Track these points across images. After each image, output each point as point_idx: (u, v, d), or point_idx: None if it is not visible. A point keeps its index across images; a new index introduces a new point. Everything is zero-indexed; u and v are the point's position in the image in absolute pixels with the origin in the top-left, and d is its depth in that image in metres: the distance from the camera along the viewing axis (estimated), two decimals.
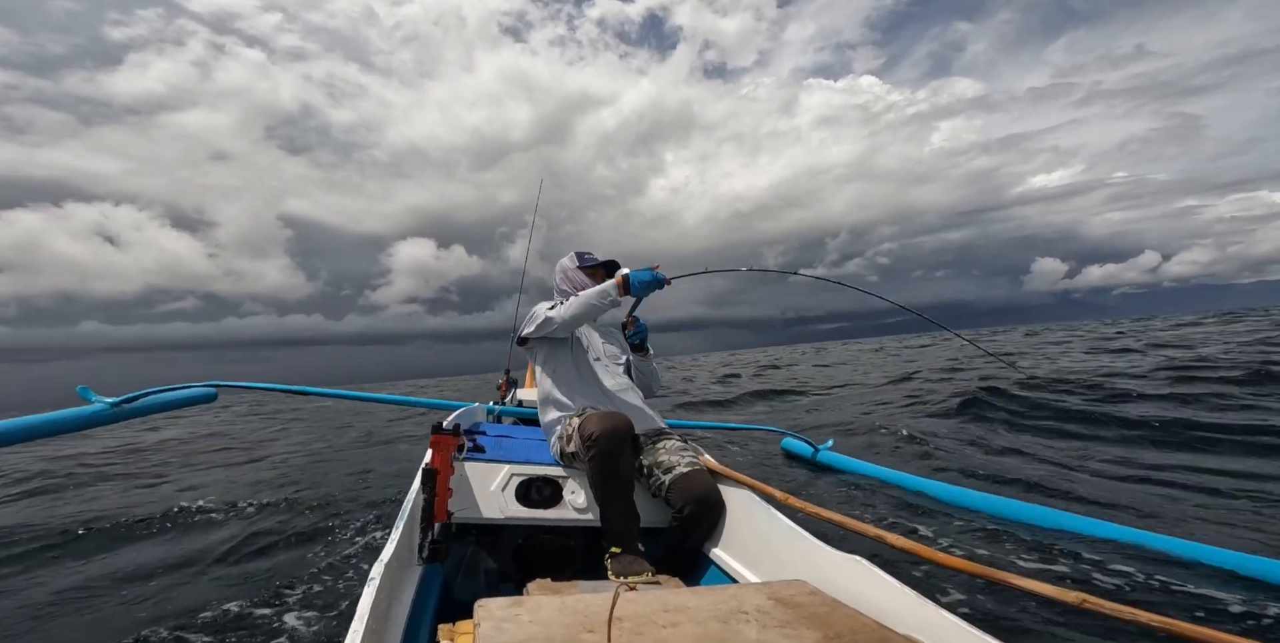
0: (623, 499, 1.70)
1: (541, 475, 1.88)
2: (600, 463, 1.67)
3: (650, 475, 1.85)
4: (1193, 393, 5.64)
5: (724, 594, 1.11)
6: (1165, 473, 3.48)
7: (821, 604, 1.08)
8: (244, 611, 2.11)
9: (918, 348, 25.35)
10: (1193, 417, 4.69)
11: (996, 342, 22.80)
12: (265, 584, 2.37)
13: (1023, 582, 1.00)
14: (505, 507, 1.78)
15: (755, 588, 1.16)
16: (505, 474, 1.84)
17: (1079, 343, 16.20)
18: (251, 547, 2.89)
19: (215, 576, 2.55)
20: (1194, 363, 7.70)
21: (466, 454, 1.85)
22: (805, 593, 1.13)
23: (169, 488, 4.62)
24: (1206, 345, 10.74)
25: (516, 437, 2.43)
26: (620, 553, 1.61)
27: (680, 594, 1.11)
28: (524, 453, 2.05)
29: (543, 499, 1.84)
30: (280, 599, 2.20)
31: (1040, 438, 4.77)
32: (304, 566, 2.56)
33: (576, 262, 2.26)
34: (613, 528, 1.67)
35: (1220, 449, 3.93)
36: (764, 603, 1.07)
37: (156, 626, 2.03)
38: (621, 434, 1.70)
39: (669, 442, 1.95)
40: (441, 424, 1.70)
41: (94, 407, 2.11)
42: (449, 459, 1.61)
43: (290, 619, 2.04)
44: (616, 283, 1.88)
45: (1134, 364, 8.54)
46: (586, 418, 1.78)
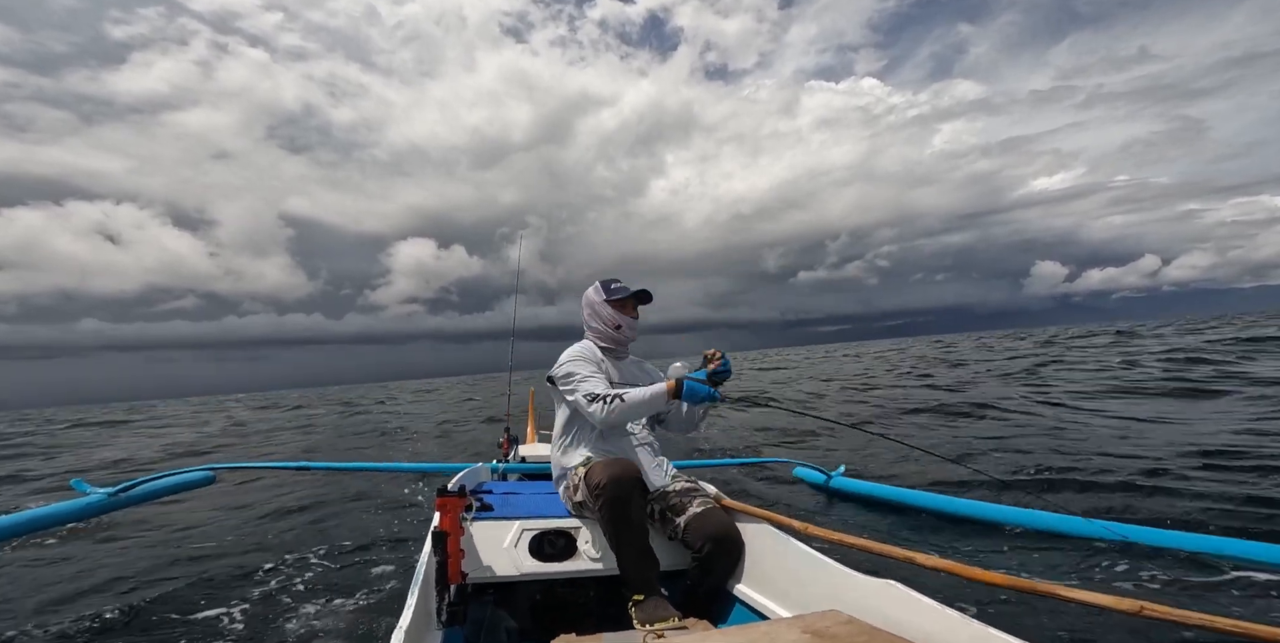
0: (638, 545, 1.65)
1: (554, 528, 1.85)
2: (611, 510, 1.64)
3: (664, 520, 1.81)
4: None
5: (756, 633, 1.06)
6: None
7: (860, 633, 1.03)
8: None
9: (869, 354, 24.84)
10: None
11: (993, 355, 19.49)
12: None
13: (1074, 593, 0.95)
14: (519, 563, 1.74)
15: (788, 623, 1.11)
16: (516, 530, 1.81)
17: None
18: (257, 612, 2.76)
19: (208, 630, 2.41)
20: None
21: (475, 514, 1.83)
22: (841, 623, 1.08)
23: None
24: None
25: (523, 492, 2.39)
26: (643, 600, 1.55)
27: (710, 637, 1.06)
28: (533, 508, 2.01)
29: (556, 552, 1.80)
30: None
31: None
32: (315, 635, 2.44)
33: (604, 293, 2.08)
34: (632, 575, 1.62)
35: None
36: (799, 637, 1.02)
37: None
38: (630, 481, 1.66)
39: (679, 484, 1.91)
40: (446, 487, 1.68)
41: (92, 497, 2.09)
42: (458, 520, 1.59)
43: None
44: (668, 389, 1.74)
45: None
46: (592, 468, 1.75)
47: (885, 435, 2.42)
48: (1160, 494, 3.25)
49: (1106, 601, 0.91)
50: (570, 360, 1.99)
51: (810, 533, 1.52)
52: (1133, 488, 3.39)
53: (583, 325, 2.17)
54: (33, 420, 27.56)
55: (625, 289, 2.09)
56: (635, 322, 2.12)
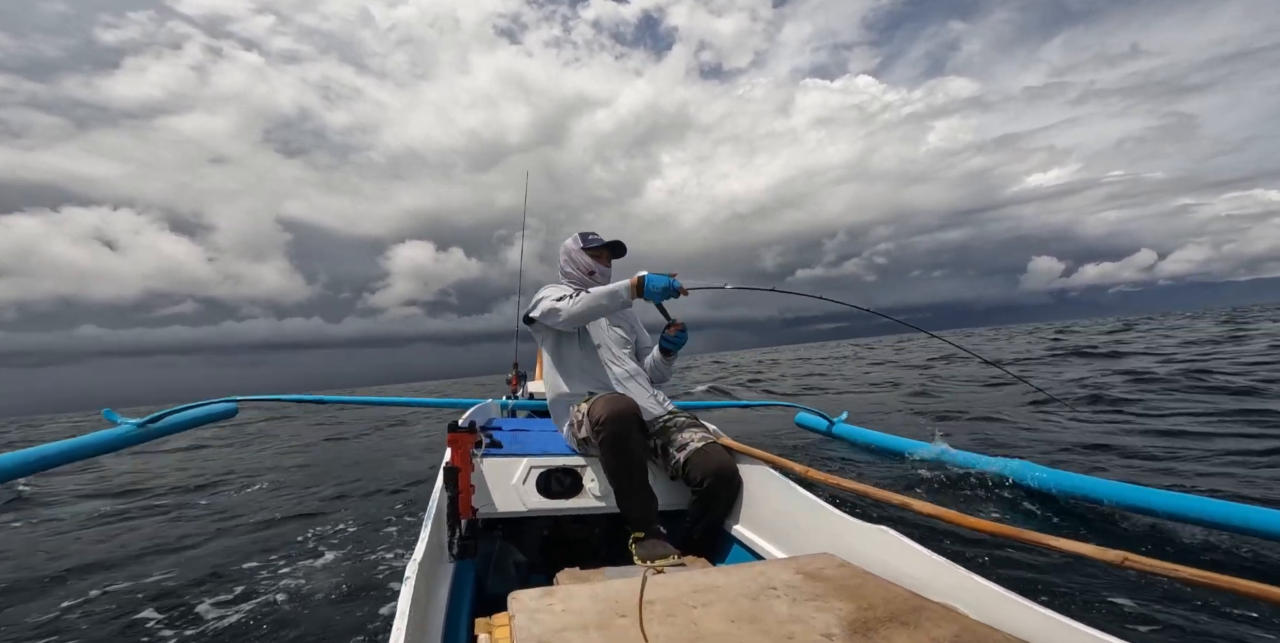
0: (638, 482, 1.70)
1: (560, 466, 1.89)
2: (612, 445, 1.68)
3: (665, 455, 1.86)
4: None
5: (752, 572, 1.11)
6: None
7: (852, 576, 1.07)
8: (282, 608, 2.16)
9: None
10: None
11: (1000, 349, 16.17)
12: (305, 580, 2.41)
13: (1060, 543, 0.97)
14: (527, 499, 1.80)
15: (783, 563, 1.15)
16: (524, 467, 1.86)
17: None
18: (280, 544, 2.93)
19: (253, 577, 2.59)
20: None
21: (485, 450, 1.87)
22: (834, 566, 1.12)
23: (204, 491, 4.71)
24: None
25: (532, 429, 2.44)
26: (644, 538, 1.62)
27: (708, 574, 1.11)
28: (540, 445, 2.06)
29: (563, 489, 1.86)
30: (317, 597, 2.24)
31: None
32: (337, 566, 2.60)
33: (581, 242, 2.20)
34: (633, 513, 1.68)
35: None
36: (792, 578, 1.07)
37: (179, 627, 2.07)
38: (629, 416, 1.70)
39: (680, 420, 1.95)
40: (457, 423, 1.71)
41: (121, 428, 2.15)
42: (468, 456, 1.62)
43: (328, 615, 2.08)
44: (631, 284, 1.80)
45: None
46: (594, 402, 1.78)
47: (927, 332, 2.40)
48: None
49: (1090, 550, 0.93)
50: (542, 293, 2.09)
51: (809, 477, 1.55)
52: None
53: (559, 274, 2.25)
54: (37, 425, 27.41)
55: (599, 239, 2.22)
56: (609, 271, 2.24)
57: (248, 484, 4.86)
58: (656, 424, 1.95)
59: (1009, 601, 0.91)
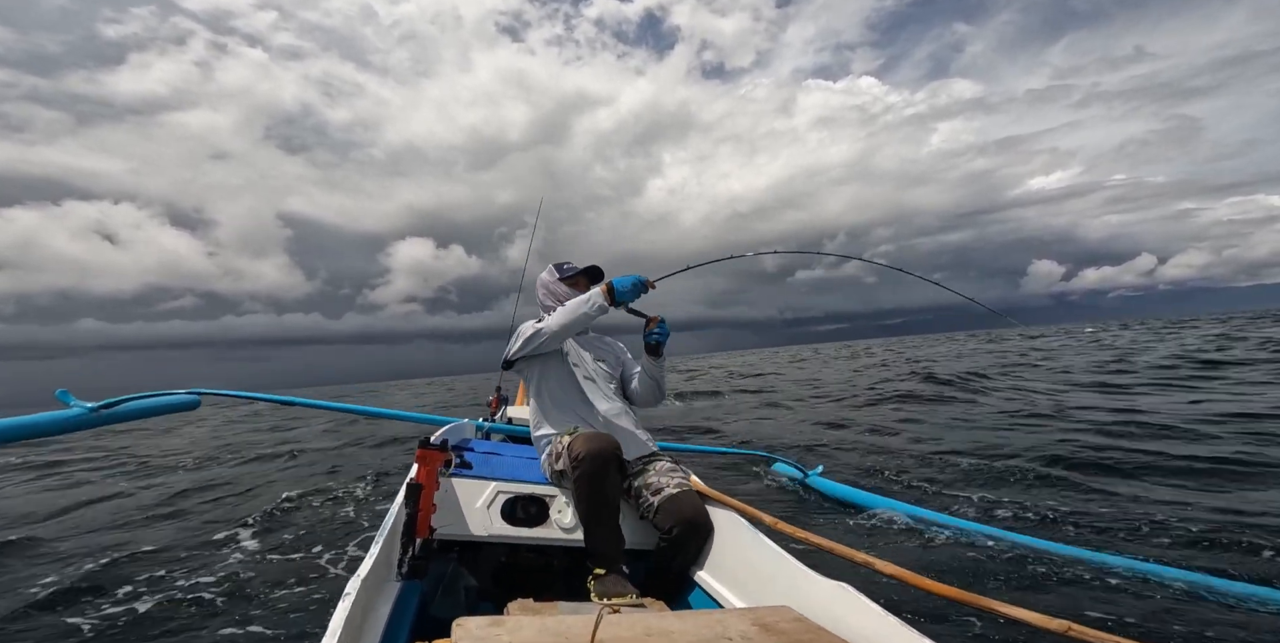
0: (608, 521, 1.68)
1: (528, 494, 1.86)
2: (586, 483, 1.65)
3: (639, 497, 1.83)
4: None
5: (708, 619, 1.09)
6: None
7: (806, 631, 1.06)
8: (208, 620, 2.05)
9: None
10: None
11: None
12: (234, 594, 2.30)
13: (1009, 610, 0.99)
14: (490, 524, 1.75)
15: (740, 613, 1.14)
16: (491, 491, 1.82)
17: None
18: (225, 553, 2.81)
19: (180, 582, 2.47)
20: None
21: (453, 470, 1.83)
22: (790, 619, 1.11)
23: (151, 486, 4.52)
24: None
25: (505, 454, 2.40)
26: (604, 575, 1.58)
27: (664, 618, 1.09)
28: (511, 471, 2.02)
29: (528, 518, 1.82)
30: (248, 610, 2.14)
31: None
32: (276, 576, 2.49)
33: (556, 274, 2.18)
34: (597, 549, 1.65)
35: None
36: (748, 629, 1.05)
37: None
38: (608, 456, 1.68)
39: (659, 463, 1.93)
40: (429, 439, 1.68)
41: (73, 411, 2.06)
42: (435, 475, 1.59)
43: (259, 634, 1.98)
44: (602, 290, 1.86)
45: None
46: (575, 437, 1.76)
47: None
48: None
49: (1036, 619, 0.94)
50: (518, 330, 2.05)
51: (778, 529, 1.54)
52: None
53: (539, 308, 2.21)
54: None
55: (574, 267, 2.19)
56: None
57: (200, 465, 4.65)
58: (636, 465, 1.93)
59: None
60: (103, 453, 7.14)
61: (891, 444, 5.53)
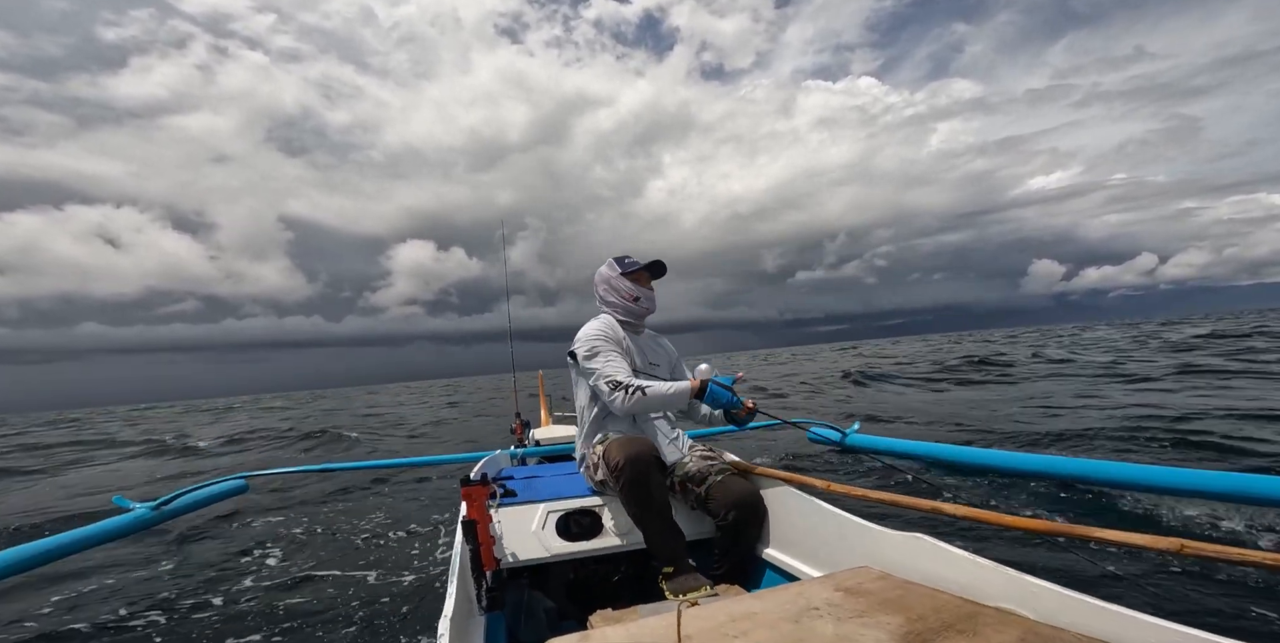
0: (662, 520, 1.66)
1: (578, 508, 1.86)
2: (631, 490, 1.64)
3: (685, 491, 1.82)
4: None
5: (789, 594, 1.06)
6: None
7: (894, 587, 1.03)
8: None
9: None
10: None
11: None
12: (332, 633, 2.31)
13: (1110, 534, 0.91)
14: (548, 544, 1.76)
15: (819, 582, 1.11)
16: (542, 513, 1.83)
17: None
18: (296, 609, 2.82)
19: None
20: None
21: (500, 501, 1.85)
22: (874, 578, 1.08)
23: None
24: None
25: (544, 475, 2.42)
26: (673, 572, 1.57)
27: (744, 602, 1.06)
28: (555, 490, 2.03)
29: (583, 531, 1.82)
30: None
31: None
32: (366, 629, 2.50)
33: (618, 267, 2.06)
34: (659, 550, 1.63)
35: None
36: (833, 596, 1.02)
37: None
38: (646, 459, 1.66)
39: (696, 453, 1.91)
40: (469, 476, 1.69)
41: (136, 512, 2.15)
42: (484, 508, 1.60)
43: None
44: (693, 387, 1.77)
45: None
46: (609, 446, 1.74)
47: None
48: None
49: (1144, 540, 0.87)
50: (592, 338, 1.92)
51: (833, 491, 1.51)
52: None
53: (598, 303, 2.12)
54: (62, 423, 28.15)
55: (637, 263, 2.06)
56: (652, 294, 2.09)
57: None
58: (672, 458, 1.91)
59: (1071, 599, 0.86)
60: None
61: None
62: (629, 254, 2.10)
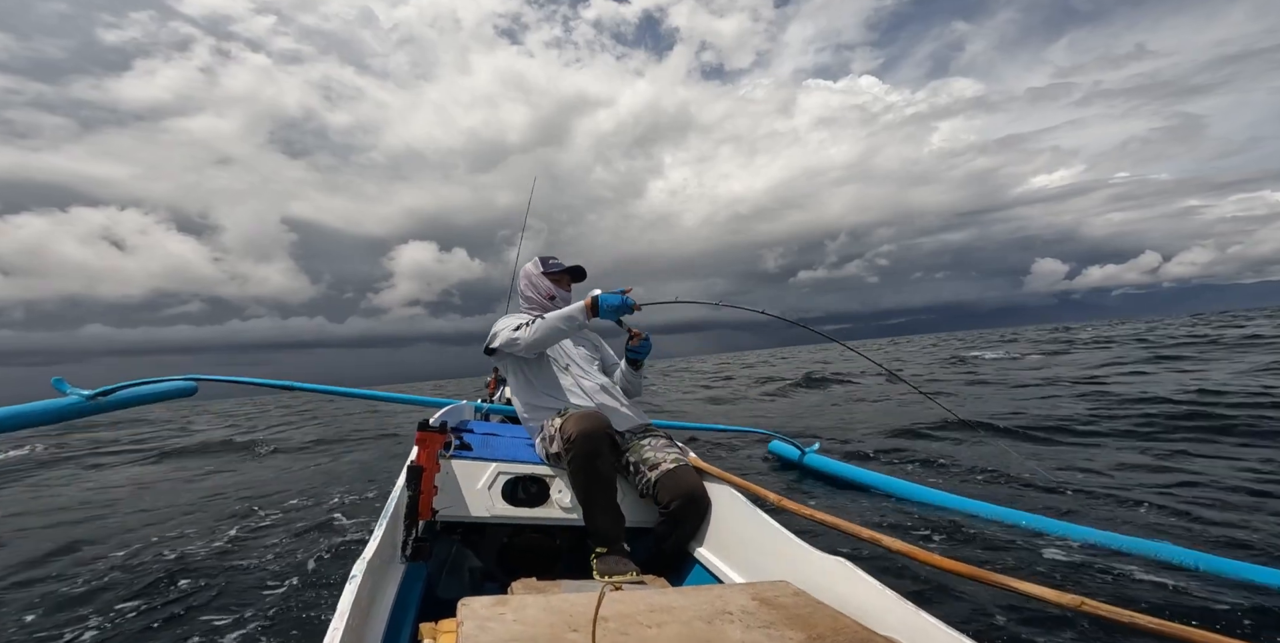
0: (606, 500, 1.68)
1: (529, 474, 1.86)
2: (581, 464, 1.65)
3: (636, 473, 1.83)
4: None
5: (709, 595, 1.09)
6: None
7: (805, 605, 1.06)
8: (220, 607, 2.07)
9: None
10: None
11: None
12: (241, 581, 2.33)
13: (1019, 584, 0.97)
14: (491, 505, 1.76)
15: (740, 588, 1.14)
16: (492, 472, 1.82)
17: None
18: (222, 542, 2.82)
19: (189, 569, 2.50)
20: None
21: (453, 452, 1.83)
22: (789, 594, 1.11)
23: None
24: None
25: (504, 435, 2.40)
26: (606, 553, 1.59)
27: (665, 594, 1.09)
28: (512, 452, 2.02)
29: (529, 498, 1.82)
30: (256, 598, 2.17)
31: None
32: (282, 563, 2.52)
33: (541, 267, 2.21)
34: (598, 528, 1.66)
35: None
36: (748, 604, 1.05)
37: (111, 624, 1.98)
38: (600, 434, 1.67)
39: (654, 439, 1.93)
40: (428, 421, 1.68)
41: (69, 399, 2.03)
42: (435, 457, 1.59)
43: (268, 616, 2.01)
44: (585, 306, 1.83)
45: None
46: (566, 418, 1.76)
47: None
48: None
49: (1048, 594, 0.93)
50: (500, 323, 2.05)
51: (782, 505, 1.54)
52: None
53: (519, 299, 2.25)
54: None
55: (560, 264, 2.22)
56: (569, 295, 2.23)
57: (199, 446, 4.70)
58: (629, 439, 1.93)
59: (953, 638, 0.90)
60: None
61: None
62: (555, 256, 2.24)
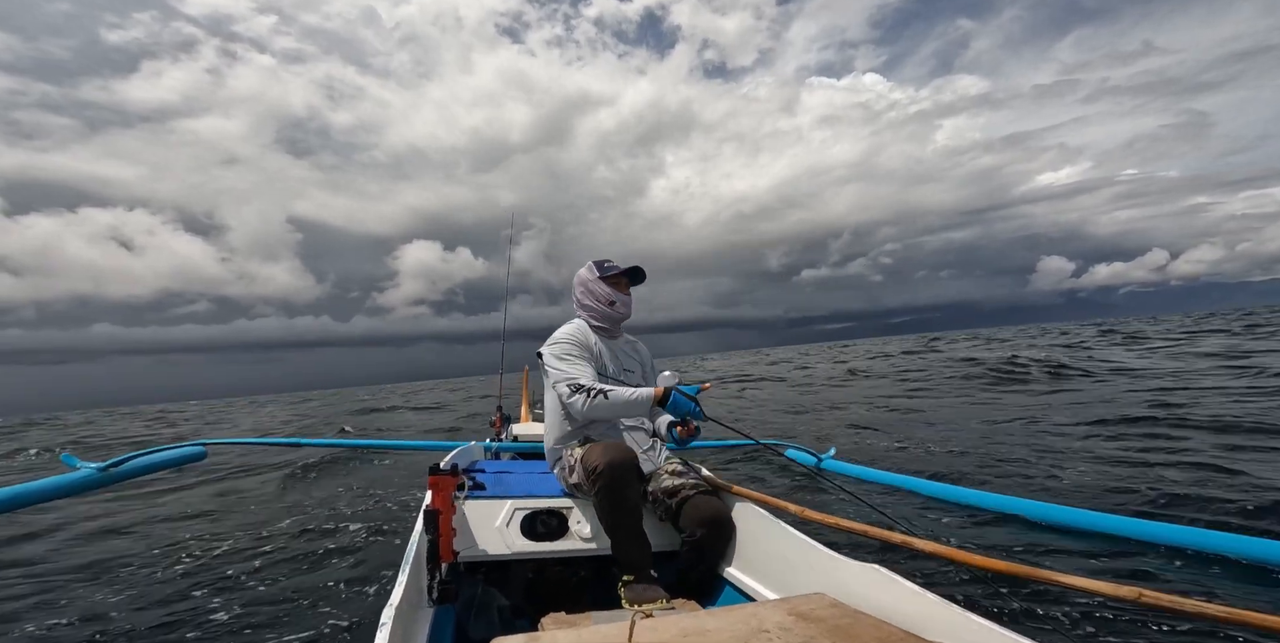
0: (633, 528, 1.65)
1: (546, 508, 1.84)
2: (608, 496, 1.62)
3: (657, 502, 1.81)
4: None
5: (743, 614, 1.06)
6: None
7: (844, 616, 1.02)
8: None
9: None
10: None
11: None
12: (262, 625, 2.27)
13: (1070, 580, 0.93)
14: (511, 542, 1.74)
15: (774, 605, 1.11)
16: (509, 510, 1.81)
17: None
18: (246, 592, 2.77)
19: (212, 622, 2.44)
20: None
21: (468, 493, 1.82)
22: (826, 606, 1.08)
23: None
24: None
25: (516, 472, 2.39)
26: (633, 581, 1.55)
27: (698, 618, 1.06)
28: (526, 487, 2.01)
29: (549, 531, 1.80)
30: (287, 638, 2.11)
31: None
32: (305, 614, 2.46)
33: (597, 272, 2.04)
34: (625, 557, 1.62)
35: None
36: (784, 620, 1.02)
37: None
38: (628, 465, 1.64)
39: (672, 466, 1.90)
40: (438, 465, 1.68)
41: (81, 473, 2.05)
42: (450, 499, 1.58)
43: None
44: (656, 395, 1.71)
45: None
46: (589, 450, 1.73)
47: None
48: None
49: (1103, 587, 0.89)
50: (561, 340, 1.92)
51: (806, 517, 1.51)
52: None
53: (575, 307, 2.11)
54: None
55: (616, 267, 2.06)
56: (629, 299, 2.08)
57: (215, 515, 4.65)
58: (648, 467, 1.90)
59: (1006, 638, 0.87)
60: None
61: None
62: (610, 259, 2.10)
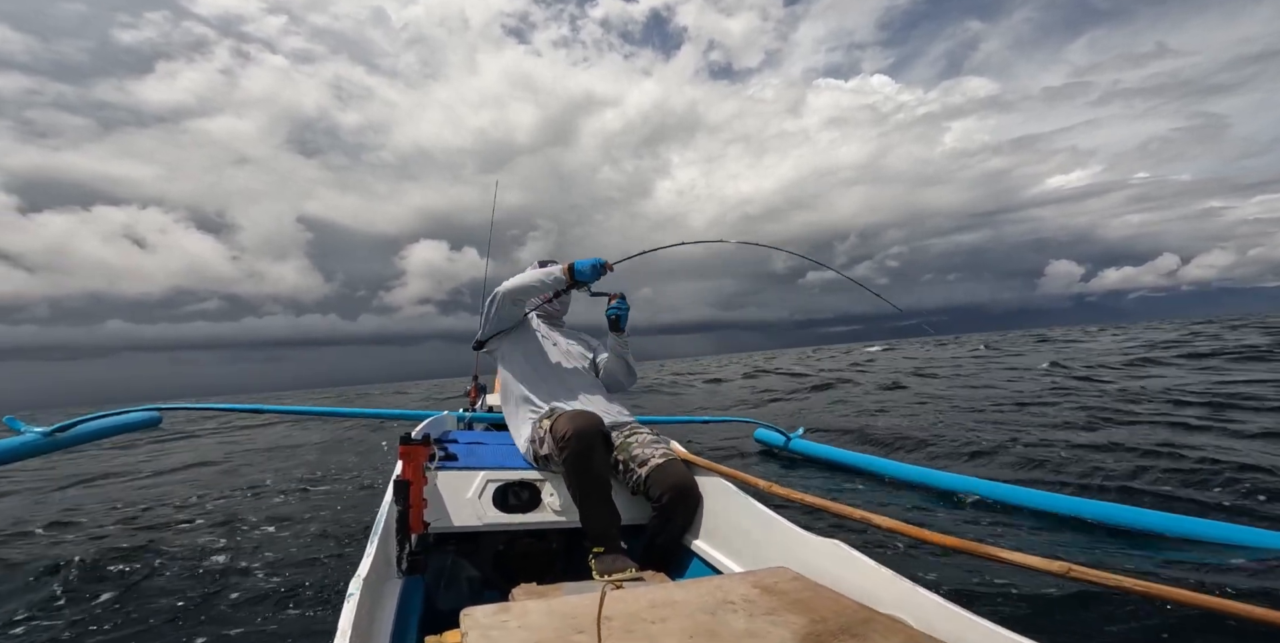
0: (601, 498, 1.69)
1: (518, 480, 1.85)
2: (575, 463, 1.66)
3: (626, 470, 1.85)
4: None
5: (709, 586, 1.11)
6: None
7: (804, 589, 1.08)
8: (217, 635, 2.02)
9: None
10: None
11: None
12: (236, 603, 2.27)
13: (1007, 555, 1.02)
14: (483, 514, 1.75)
15: (739, 578, 1.16)
16: (480, 481, 1.81)
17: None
18: (213, 566, 2.75)
19: (179, 598, 2.43)
20: None
21: (439, 463, 1.81)
22: (788, 579, 1.13)
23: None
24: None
25: (489, 443, 2.38)
26: (603, 552, 1.60)
27: (666, 589, 1.10)
28: (498, 459, 2.01)
29: (521, 504, 1.82)
30: (254, 621, 2.12)
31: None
32: (275, 585, 2.46)
33: (537, 266, 2.27)
34: (594, 528, 1.66)
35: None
36: (749, 592, 1.07)
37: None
38: (594, 432, 1.70)
39: (641, 436, 1.94)
40: (410, 435, 1.66)
41: (25, 437, 1.94)
42: (421, 470, 1.57)
43: (260, 634, 1.96)
44: (563, 268, 2.01)
45: None
46: (557, 419, 1.77)
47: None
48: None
49: (1036, 562, 0.97)
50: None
51: (772, 492, 1.56)
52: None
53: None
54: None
55: (555, 263, 2.30)
56: (568, 299, 2.39)
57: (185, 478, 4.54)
58: (617, 437, 1.94)
59: (951, 612, 0.94)
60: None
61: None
62: (555, 259, 2.31)
